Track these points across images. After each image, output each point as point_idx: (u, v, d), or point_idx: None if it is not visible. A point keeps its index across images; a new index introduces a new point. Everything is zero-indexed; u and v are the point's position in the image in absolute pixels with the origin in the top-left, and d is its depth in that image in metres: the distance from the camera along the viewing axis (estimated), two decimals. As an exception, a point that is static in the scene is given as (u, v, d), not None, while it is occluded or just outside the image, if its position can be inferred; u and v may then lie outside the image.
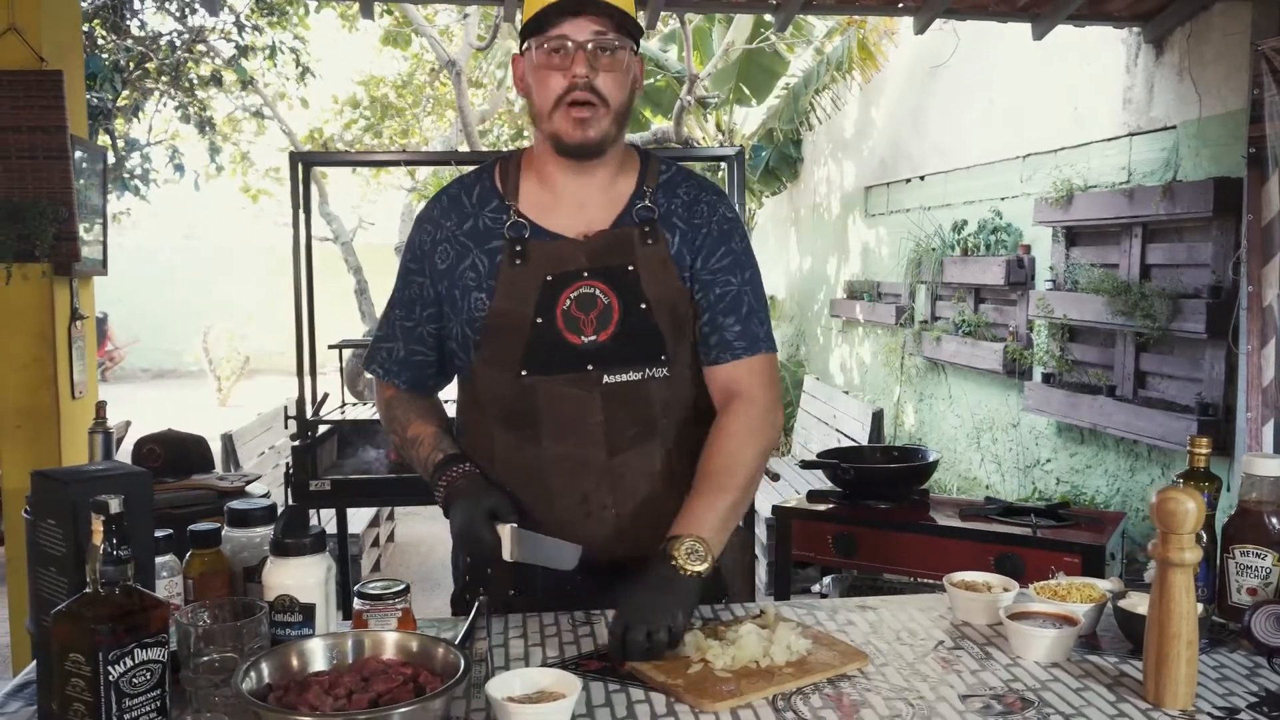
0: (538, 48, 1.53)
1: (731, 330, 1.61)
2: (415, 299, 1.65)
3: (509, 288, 1.56)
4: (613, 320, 1.55)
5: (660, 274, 1.58)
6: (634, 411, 1.57)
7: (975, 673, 1.35)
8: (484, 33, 7.96)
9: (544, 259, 1.56)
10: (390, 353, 1.69)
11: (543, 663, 1.39)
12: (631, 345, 1.56)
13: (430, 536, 6.29)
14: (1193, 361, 3.97)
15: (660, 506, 1.56)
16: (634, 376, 1.56)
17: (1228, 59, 3.83)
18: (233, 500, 1.55)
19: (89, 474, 1.24)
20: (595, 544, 1.55)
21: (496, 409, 1.59)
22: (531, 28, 1.54)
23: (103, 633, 1.07)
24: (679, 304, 1.59)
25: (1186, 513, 1.24)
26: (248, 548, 1.44)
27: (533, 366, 1.55)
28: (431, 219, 1.65)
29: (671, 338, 1.59)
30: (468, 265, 1.59)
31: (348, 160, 6.07)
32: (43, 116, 3.28)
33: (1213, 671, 1.36)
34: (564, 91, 1.51)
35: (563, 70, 1.51)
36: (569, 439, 1.56)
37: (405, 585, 1.42)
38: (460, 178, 1.69)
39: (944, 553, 2.93)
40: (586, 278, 1.55)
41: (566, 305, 1.55)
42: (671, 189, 1.64)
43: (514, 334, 1.55)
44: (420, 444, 1.64)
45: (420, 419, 1.67)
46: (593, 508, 1.58)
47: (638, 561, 1.48)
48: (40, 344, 3.43)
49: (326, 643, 1.24)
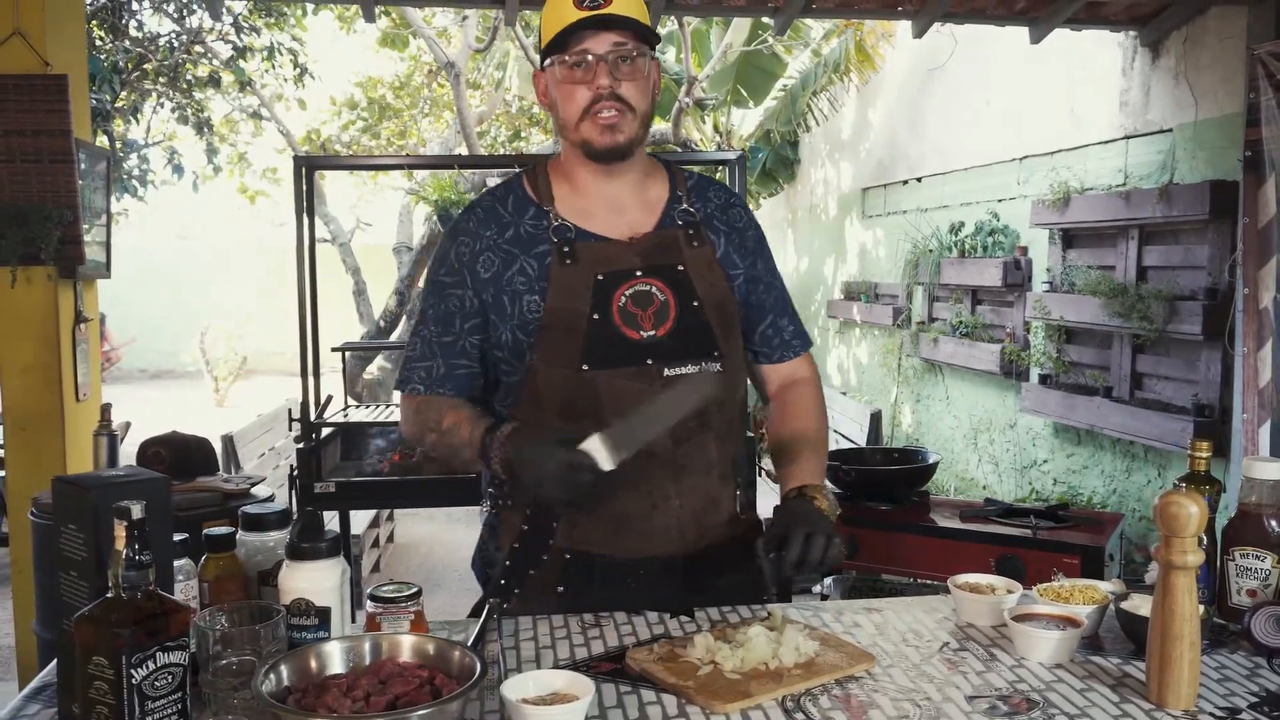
0: (560, 64, 1.58)
1: (788, 330, 1.79)
2: (454, 313, 1.65)
3: (561, 287, 1.59)
4: (670, 316, 1.61)
5: (707, 274, 1.66)
6: (692, 404, 1.60)
7: (981, 674, 1.37)
8: (482, 34, 7.97)
9: (593, 259, 1.61)
10: (429, 371, 1.67)
11: (554, 665, 1.41)
12: (687, 340, 1.62)
13: (430, 537, 6.30)
14: (1189, 363, 4.00)
15: (717, 499, 1.66)
16: (691, 369, 1.61)
17: (1223, 63, 3.86)
18: (237, 502, 1.56)
19: (110, 480, 1.26)
20: (657, 539, 1.60)
21: (557, 405, 1.60)
22: (553, 46, 1.59)
23: (125, 636, 1.09)
24: (725, 302, 1.67)
25: (1189, 516, 1.26)
26: (261, 551, 1.46)
27: (593, 361, 1.58)
28: (469, 231, 1.66)
29: (722, 334, 1.65)
30: (516, 270, 1.62)
31: (351, 164, 6.07)
32: (47, 121, 3.29)
33: (1214, 672, 1.38)
34: (590, 103, 1.57)
35: (586, 83, 1.57)
36: None
37: (417, 588, 1.43)
38: (488, 190, 1.72)
39: (944, 554, 2.96)
40: (640, 276, 1.61)
41: (622, 302, 1.59)
42: (702, 193, 1.74)
43: (571, 331, 1.58)
44: (458, 428, 1.61)
45: (452, 409, 1.64)
46: (657, 500, 1.61)
47: (695, 558, 1.59)
48: (44, 347, 3.44)
49: (344, 645, 1.25)
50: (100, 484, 1.23)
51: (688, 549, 1.62)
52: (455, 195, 6.62)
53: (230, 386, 12.71)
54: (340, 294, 8.75)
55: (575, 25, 1.55)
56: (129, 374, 14.78)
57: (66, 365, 3.45)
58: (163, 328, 14.71)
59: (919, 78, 6.32)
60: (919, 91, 6.39)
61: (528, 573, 1.59)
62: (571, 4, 1.55)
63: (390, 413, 4.30)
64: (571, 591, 1.61)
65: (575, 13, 1.54)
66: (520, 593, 1.53)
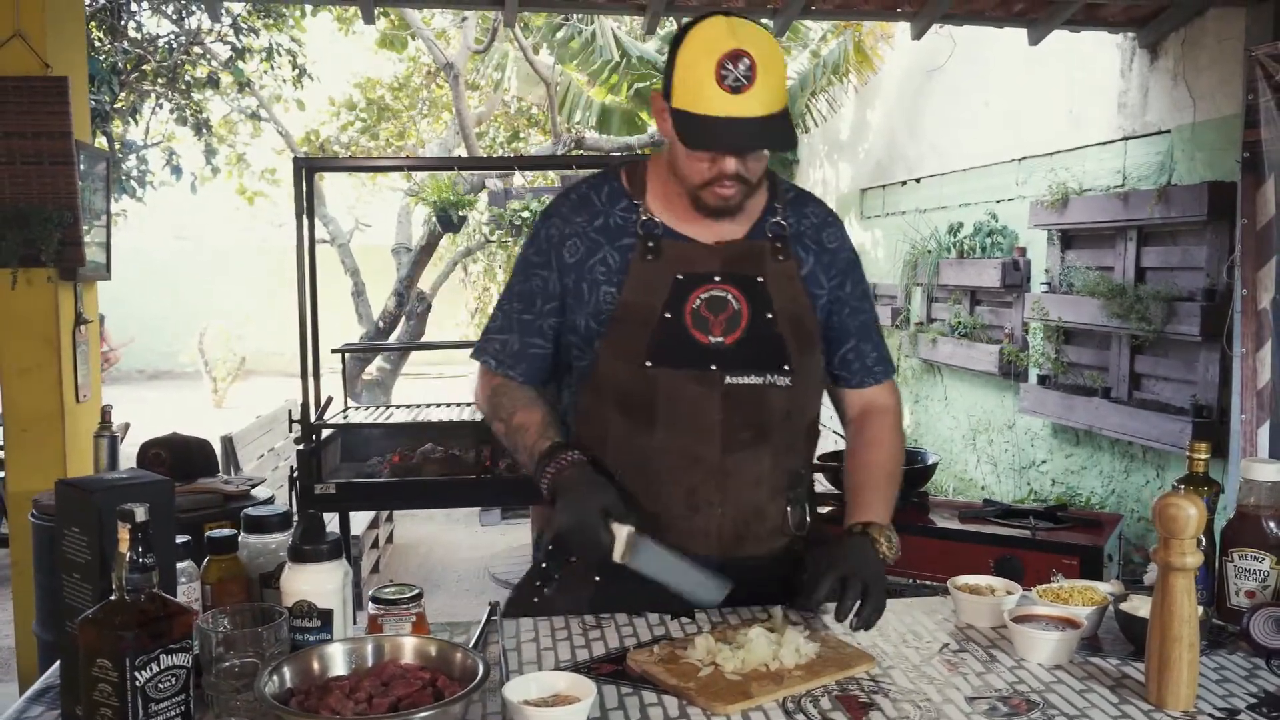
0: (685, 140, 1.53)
1: (871, 356, 1.76)
2: (536, 292, 1.67)
3: (639, 282, 1.60)
4: (740, 325, 1.60)
5: (787, 288, 1.64)
6: (751, 414, 1.61)
7: (981, 675, 1.38)
8: (481, 36, 7.96)
9: (676, 258, 1.61)
10: (505, 345, 1.70)
11: (555, 666, 1.41)
12: (755, 350, 1.61)
13: (429, 538, 6.31)
14: (1187, 364, 4.01)
15: (763, 512, 1.64)
16: (755, 380, 1.60)
17: (1221, 64, 3.86)
18: (238, 504, 1.57)
19: (113, 483, 1.26)
20: (697, 540, 1.60)
21: (616, 396, 1.62)
22: (684, 113, 1.50)
23: (129, 639, 1.09)
24: (804, 318, 1.65)
25: (1188, 518, 1.26)
26: (263, 554, 1.46)
27: (657, 358, 1.58)
28: (561, 215, 1.67)
29: (795, 349, 1.63)
30: (598, 260, 1.63)
31: (350, 165, 6.07)
32: (47, 122, 3.29)
33: (1213, 673, 1.39)
34: (712, 178, 1.55)
35: (711, 162, 1.54)
36: (684, 433, 1.59)
37: (419, 590, 1.44)
38: (586, 179, 1.72)
39: (944, 555, 2.96)
40: (718, 281, 1.60)
41: (696, 305, 1.59)
42: (799, 208, 1.72)
43: (640, 326, 1.59)
44: (525, 431, 1.63)
45: (525, 407, 1.66)
46: (699, 503, 1.61)
47: (734, 563, 1.58)
48: (45, 348, 3.44)
49: (346, 647, 1.26)
50: (103, 487, 1.23)
51: (726, 554, 1.62)
52: (454, 196, 6.63)
53: (229, 387, 12.70)
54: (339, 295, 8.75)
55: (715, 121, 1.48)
56: (128, 374, 14.76)
57: (67, 367, 3.46)
58: (161, 328, 14.70)
59: (918, 79, 6.33)
60: (918, 93, 6.39)
61: (568, 559, 1.57)
62: (714, 80, 1.45)
63: (389, 414, 4.31)
64: (606, 581, 1.62)
65: (718, 102, 1.46)
66: (560, 578, 1.53)
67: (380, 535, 5.60)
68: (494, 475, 3.83)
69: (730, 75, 1.46)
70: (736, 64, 1.45)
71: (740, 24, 1.49)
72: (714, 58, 1.46)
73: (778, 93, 1.50)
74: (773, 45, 1.49)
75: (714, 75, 1.45)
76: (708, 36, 1.48)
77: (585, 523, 1.46)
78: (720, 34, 1.47)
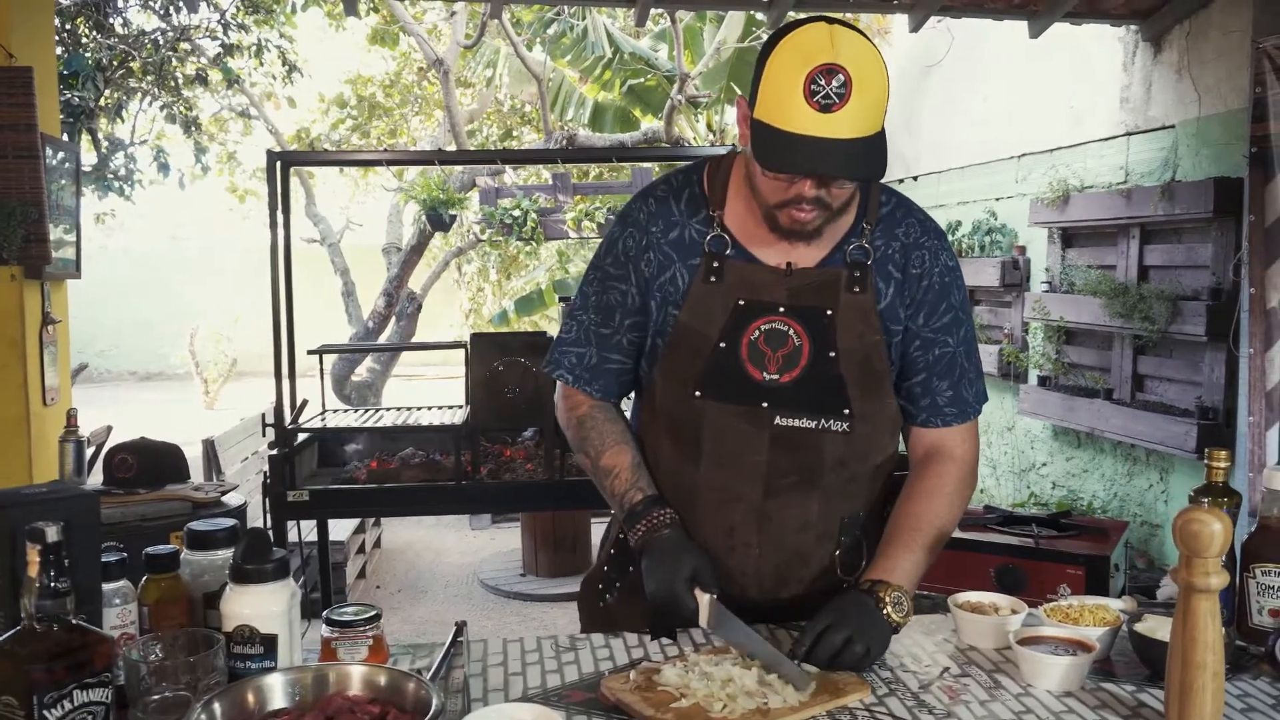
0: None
1: (944, 395, 1.56)
2: (615, 306, 1.56)
3: (698, 305, 1.50)
4: (800, 363, 1.48)
5: (858, 325, 1.49)
6: (800, 459, 1.49)
7: (984, 703, 1.27)
8: (471, 31, 7.85)
9: (739, 282, 1.49)
10: (581, 358, 1.60)
11: (523, 693, 1.31)
12: (813, 392, 1.48)
13: (417, 543, 6.19)
14: (1192, 364, 3.91)
15: (807, 557, 1.54)
16: (808, 424, 1.48)
17: (1227, 57, 3.77)
18: (209, 512, 1.46)
19: (29, 497, 1.15)
20: (734, 578, 1.52)
21: (667, 422, 1.54)
22: (764, 126, 1.34)
23: (39, 672, 0.99)
24: (872, 357, 1.50)
25: (1212, 535, 1.15)
26: (209, 571, 1.35)
27: (706, 389, 1.49)
28: (638, 224, 1.55)
29: (859, 392, 1.49)
30: (668, 279, 1.53)
31: (328, 160, 5.96)
32: (12, 114, 3.17)
33: (1237, 701, 1.28)
34: (791, 199, 1.39)
35: (789, 183, 1.38)
36: (726, 469, 1.50)
37: (377, 612, 1.33)
38: (669, 178, 1.59)
39: (941, 563, 2.83)
40: (782, 313, 1.48)
41: (755, 336, 1.48)
42: (891, 227, 1.52)
43: (693, 353, 1.49)
44: (616, 476, 1.55)
45: (615, 446, 1.57)
46: (736, 544, 1.52)
47: (773, 607, 1.52)
48: (9, 349, 3.33)
49: (287, 678, 1.15)
50: (18, 502, 1.12)
51: (765, 595, 1.54)
52: (445, 195, 6.52)
53: (220, 388, 12.57)
54: (330, 295, 8.63)
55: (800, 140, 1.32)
56: (119, 375, 14.65)
57: (33, 368, 3.34)
58: (152, 329, 14.57)
59: (915, 75, 6.23)
60: (915, 89, 6.29)
61: (628, 569, 1.53)
62: (802, 94, 1.29)
63: (377, 417, 4.18)
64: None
65: (802, 119, 1.30)
66: (620, 585, 1.48)
67: (367, 540, 5.48)
68: (475, 481, 3.70)
69: (821, 90, 1.29)
70: (830, 79, 1.28)
71: (844, 34, 1.31)
72: (806, 69, 1.29)
73: (873, 115, 1.32)
74: (877, 62, 1.32)
75: (803, 89, 1.29)
76: (804, 44, 1.31)
77: (674, 590, 1.40)
78: (818, 43, 1.30)
